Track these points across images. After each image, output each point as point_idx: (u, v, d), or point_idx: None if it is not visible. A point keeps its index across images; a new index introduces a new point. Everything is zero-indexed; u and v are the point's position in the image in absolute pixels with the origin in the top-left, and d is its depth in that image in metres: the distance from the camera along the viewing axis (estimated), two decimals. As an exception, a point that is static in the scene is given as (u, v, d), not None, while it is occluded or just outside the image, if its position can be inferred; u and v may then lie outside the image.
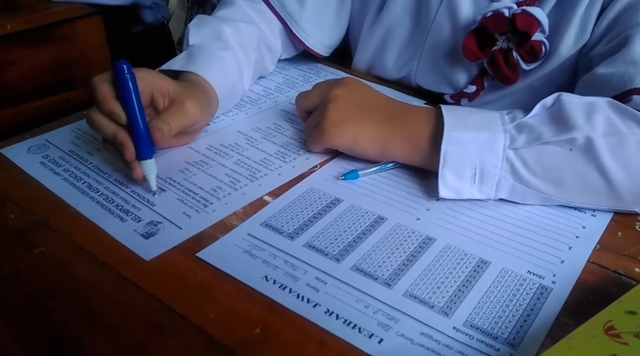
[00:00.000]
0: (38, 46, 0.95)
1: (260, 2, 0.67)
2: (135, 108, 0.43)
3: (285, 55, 0.70)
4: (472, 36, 0.54)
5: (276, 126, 0.57)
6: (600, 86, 0.46)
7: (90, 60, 1.04)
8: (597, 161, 0.40)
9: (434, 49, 0.61)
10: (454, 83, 0.60)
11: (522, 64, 0.53)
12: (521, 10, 0.51)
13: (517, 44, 0.53)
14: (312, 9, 0.66)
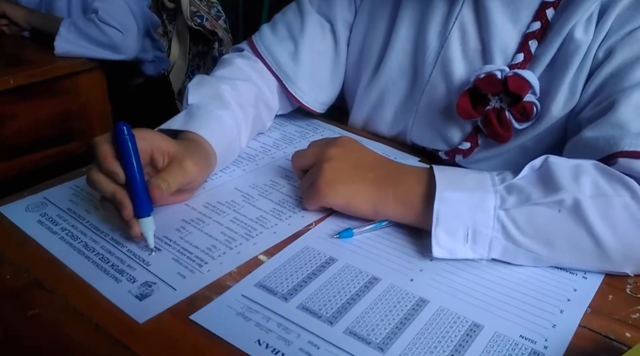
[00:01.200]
0: (40, 100, 0.98)
1: (257, 61, 0.70)
2: (134, 167, 0.44)
3: (282, 111, 0.72)
4: (466, 96, 0.56)
5: (273, 183, 0.57)
6: (588, 149, 0.47)
7: (90, 113, 1.06)
8: (585, 222, 0.41)
9: (429, 108, 0.63)
10: (449, 140, 0.62)
11: (514, 123, 0.55)
12: (513, 73, 0.53)
13: (509, 104, 0.55)
14: (306, 68, 0.68)
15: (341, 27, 0.69)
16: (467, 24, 0.59)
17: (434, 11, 0.61)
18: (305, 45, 0.68)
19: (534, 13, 0.55)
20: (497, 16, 0.57)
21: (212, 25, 1.57)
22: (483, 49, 0.58)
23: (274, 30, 0.70)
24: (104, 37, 1.04)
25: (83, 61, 1.02)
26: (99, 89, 1.06)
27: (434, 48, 0.61)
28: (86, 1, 1.12)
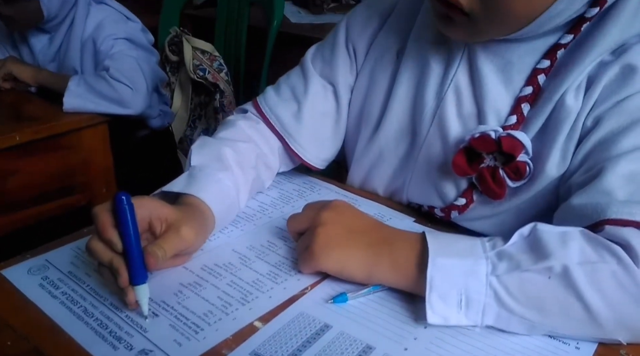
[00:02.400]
0: (43, 155, 1.00)
1: (259, 121, 0.73)
2: (131, 236, 0.46)
3: (284, 169, 0.74)
4: (462, 154, 0.58)
5: (270, 244, 0.59)
6: (576, 216, 0.49)
7: (92, 166, 1.08)
8: (575, 289, 0.42)
9: (426, 164, 0.65)
10: (445, 196, 0.63)
11: (508, 182, 0.56)
12: (506, 133, 0.55)
13: (503, 163, 0.56)
14: (308, 126, 0.71)
15: (343, 89, 0.72)
16: (462, 86, 0.62)
17: (431, 73, 0.64)
18: (308, 105, 0.71)
19: (526, 78, 0.58)
20: (490, 80, 0.59)
21: (214, 77, 1.62)
22: (477, 110, 0.61)
23: (278, 91, 0.74)
24: (114, 93, 1.07)
25: (87, 117, 1.04)
26: (102, 143, 1.09)
27: (430, 108, 0.64)
28: (98, 56, 1.15)
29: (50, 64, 1.20)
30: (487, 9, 0.51)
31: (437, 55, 0.63)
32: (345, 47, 0.72)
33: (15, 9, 1.08)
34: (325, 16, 2.04)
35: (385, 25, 0.70)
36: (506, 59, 0.58)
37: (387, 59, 0.69)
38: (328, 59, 0.72)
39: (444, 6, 0.54)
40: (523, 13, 0.51)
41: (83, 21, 1.15)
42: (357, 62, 0.72)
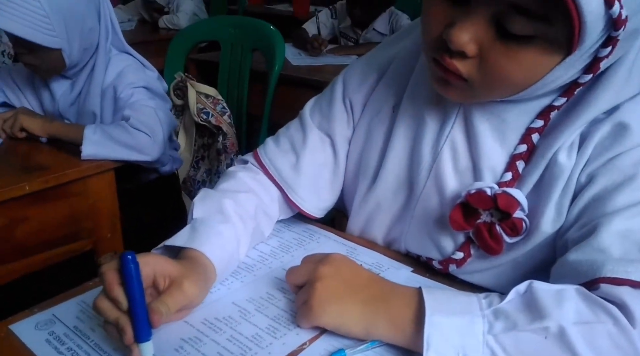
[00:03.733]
0: (51, 202, 1.02)
1: (259, 172, 0.75)
2: (135, 295, 0.48)
3: (283, 216, 0.77)
4: (459, 209, 0.60)
5: (269, 296, 0.60)
6: (572, 272, 0.50)
7: (98, 212, 1.11)
8: (571, 349, 0.43)
9: (423, 217, 0.66)
10: (442, 249, 0.65)
11: (505, 237, 0.57)
12: (502, 191, 0.57)
13: (499, 219, 0.58)
14: (307, 177, 0.74)
15: (340, 141, 0.75)
16: (457, 142, 0.63)
17: (427, 129, 0.66)
18: (307, 157, 0.74)
19: (521, 137, 0.59)
20: (485, 137, 0.61)
21: (217, 120, 1.66)
22: (473, 166, 0.62)
23: (278, 143, 0.77)
24: (133, 140, 1.12)
25: (95, 165, 1.07)
26: (108, 189, 1.11)
27: (427, 162, 0.65)
28: (117, 103, 1.20)
29: (70, 107, 1.25)
30: (485, 76, 0.53)
31: (433, 112, 0.65)
32: (342, 102, 0.75)
33: (38, 58, 1.13)
34: (324, 58, 2.10)
35: (382, 80, 0.72)
36: (501, 118, 0.60)
37: (384, 113, 0.71)
38: (326, 112, 0.75)
39: (442, 70, 0.55)
40: (521, 81, 0.53)
41: (104, 69, 1.20)
42: (353, 115, 0.74)
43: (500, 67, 0.51)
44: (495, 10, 0.49)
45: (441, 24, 0.52)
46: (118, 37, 1.24)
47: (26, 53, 1.13)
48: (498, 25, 0.49)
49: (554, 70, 0.50)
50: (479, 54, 0.51)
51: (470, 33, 0.50)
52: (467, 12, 0.50)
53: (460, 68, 0.53)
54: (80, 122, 1.25)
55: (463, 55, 0.52)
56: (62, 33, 1.10)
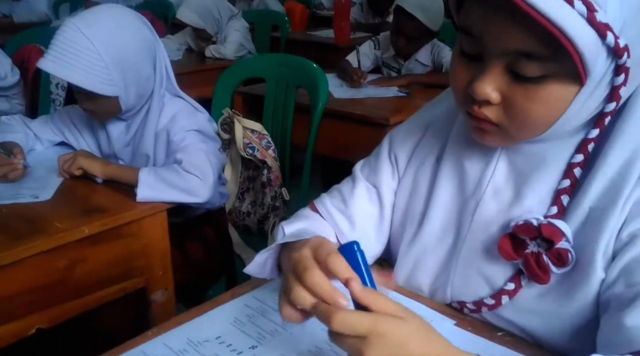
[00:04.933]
0: (107, 243, 1.08)
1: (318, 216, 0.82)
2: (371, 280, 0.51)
3: None
4: (507, 239, 0.63)
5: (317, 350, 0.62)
6: (628, 339, 0.51)
7: (151, 251, 1.16)
8: None
9: (469, 257, 0.69)
10: (493, 282, 0.67)
11: (552, 267, 0.60)
12: (547, 221, 0.60)
13: (546, 249, 0.60)
14: (356, 226, 0.79)
15: (386, 192, 0.80)
16: (500, 183, 0.67)
17: (469, 173, 0.70)
18: (355, 206, 0.79)
19: (563, 172, 0.62)
20: (528, 176, 0.64)
21: (263, 155, 1.70)
22: (518, 205, 0.65)
23: (331, 195, 0.83)
24: (184, 183, 1.17)
25: (149, 207, 1.13)
26: (161, 229, 1.16)
27: (471, 206, 0.69)
28: (170, 146, 1.26)
29: (125, 148, 1.32)
30: (512, 118, 0.58)
31: (475, 157, 0.70)
32: (388, 157, 0.80)
33: (96, 104, 1.20)
34: (366, 90, 2.13)
35: (425, 136, 0.78)
36: (541, 156, 0.64)
37: (428, 164, 0.76)
38: (373, 166, 0.81)
39: (475, 120, 0.61)
40: (545, 117, 0.57)
41: (158, 113, 1.27)
42: (398, 168, 0.79)
43: (524, 108, 0.56)
44: (507, 60, 0.55)
45: (465, 81, 0.59)
46: (171, 82, 1.30)
47: (85, 99, 1.21)
48: (513, 71, 0.55)
49: (574, 102, 0.54)
50: (502, 99, 0.57)
51: (490, 83, 0.56)
52: (483, 66, 0.57)
53: (489, 115, 0.59)
54: (134, 163, 1.32)
55: (489, 103, 0.58)
56: (119, 82, 1.17)
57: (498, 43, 0.54)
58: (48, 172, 1.25)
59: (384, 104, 1.97)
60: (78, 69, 1.11)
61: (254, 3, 4.24)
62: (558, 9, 0.48)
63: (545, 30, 0.48)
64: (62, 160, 1.21)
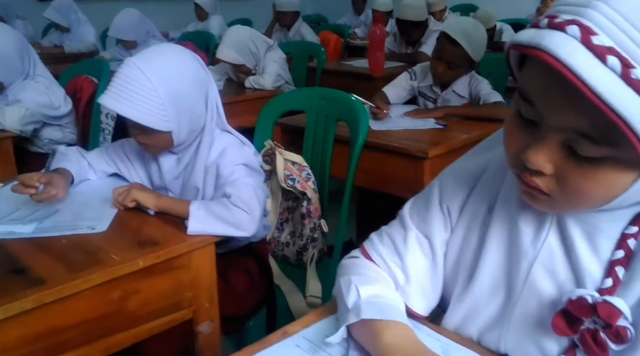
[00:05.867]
0: (159, 275, 1.11)
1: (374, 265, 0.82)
2: None
3: None
4: (561, 316, 0.61)
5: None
6: None
7: (199, 282, 1.19)
8: None
9: (523, 321, 0.68)
10: (546, 354, 0.65)
11: (611, 345, 0.58)
12: (603, 299, 0.57)
13: (603, 327, 0.58)
14: (412, 278, 0.78)
15: (438, 243, 0.79)
16: (553, 248, 0.65)
17: (522, 234, 0.68)
18: (410, 258, 0.79)
19: (616, 243, 0.60)
20: (580, 243, 0.62)
21: (303, 186, 1.74)
22: (571, 272, 0.63)
23: (382, 241, 0.82)
24: (233, 218, 1.20)
25: (199, 240, 1.16)
26: (209, 262, 1.20)
27: (524, 269, 0.67)
28: (219, 180, 1.30)
29: (175, 181, 1.37)
30: (565, 192, 0.56)
31: (527, 217, 0.68)
32: (439, 206, 0.79)
33: (150, 138, 1.26)
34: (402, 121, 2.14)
35: (476, 186, 0.76)
36: (593, 225, 0.62)
37: (479, 216, 0.75)
38: (423, 215, 0.80)
39: (526, 185, 0.59)
40: (600, 197, 0.55)
41: (208, 147, 1.32)
42: (451, 220, 0.78)
43: (578, 185, 0.54)
44: (564, 136, 0.53)
45: (518, 146, 0.58)
46: (221, 118, 1.35)
47: (140, 133, 1.26)
48: (570, 147, 0.53)
49: (635, 184, 0.53)
50: (556, 172, 0.55)
51: (545, 155, 0.55)
52: (539, 136, 0.55)
53: (540, 185, 0.57)
54: (184, 195, 1.36)
55: (541, 173, 0.56)
56: (173, 118, 1.22)
57: (556, 118, 0.53)
58: (102, 203, 1.30)
59: (421, 136, 1.98)
60: (136, 106, 1.17)
61: (290, 33, 4.34)
62: (622, 97, 0.47)
63: (605, 115, 0.47)
64: (117, 193, 1.26)
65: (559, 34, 0.49)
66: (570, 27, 0.49)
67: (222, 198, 1.25)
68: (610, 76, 0.47)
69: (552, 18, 0.51)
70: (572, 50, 0.48)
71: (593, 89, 0.47)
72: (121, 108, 1.17)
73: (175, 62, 1.23)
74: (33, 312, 0.94)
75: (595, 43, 0.48)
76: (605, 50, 0.47)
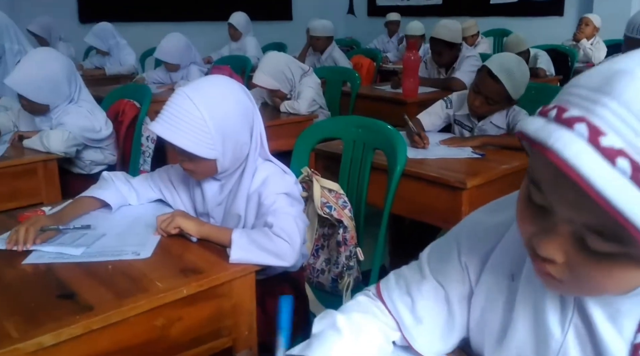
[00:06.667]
0: (200, 303, 1.13)
1: (378, 301, 0.82)
2: None
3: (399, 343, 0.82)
4: None
5: None
6: None
7: (239, 311, 1.20)
8: None
9: None
10: None
11: None
12: None
13: None
14: (422, 322, 0.78)
15: (455, 297, 0.77)
16: (579, 329, 0.64)
17: (548, 310, 0.66)
18: (422, 302, 0.78)
19: (638, 325, 0.59)
20: (602, 324, 0.61)
21: (339, 214, 1.74)
22: (597, 354, 0.62)
23: (398, 282, 0.82)
24: (274, 247, 1.22)
25: (240, 268, 1.17)
26: (249, 290, 1.21)
27: (552, 349, 0.66)
28: (261, 209, 1.32)
29: (217, 207, 1.39)
30: (578, 282, 0.55)
31: (552, 294, 0.66)
32: (458, 261, 0.77)
33: (196, 165, 1.30)
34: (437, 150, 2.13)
35: (497, 247, 0.74)
36: (614, 308, 0.60)
37: (502, 279, 0.73)
38: (441, 265, 0.78)
39: (538, 268, 0.58)
40: (614, 290, 0.54)
41: (251, 175, 1.34)
42: (469, 276, 0.76)
43: (591, 277, 0.53)
44: (575, 228, 0.52)
45: (530, 231, 0.57)
46: (264, 148, 1.38)
47: (187, 160, 1.30)
48: (581, 239, 0.52)
49: None
50: (567, 261, 0.54)
51: (556, 245, 0.53)
52: (551, 223, 0.53)
53: (552, 272, 0.56)
54: (226, 221, 1.38)
55: (553, 261, 0.54)
56: (219, 147, 1.25)
57: (565, 210, 0.52)
58: (146, 228, 1.33)
59: (458, 165, 1.96)
60: (184, 134, 1.21)
61: (323, 56, 4.40)
62: (631, 200, 0.44)
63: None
64: (160, 219, 1.29)
65: (565, 133, 0.47)
66: (579, 126, 0.47)
67: (263, 227, 1.26)
68: (620, 179, 0.45)
69: (561, 111, 0.49)
70: (579, 152, 0.46)
71: (600, 192, 0.45)
72: (171, 136, 1.21)
73: (223, 94, 1.27)
74: (81, 338, 0.96)
75: (604, 145, 0.46)
76: (614, 152, 0.46)
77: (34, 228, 1.23)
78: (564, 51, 4.48)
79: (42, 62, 2.11)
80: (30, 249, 1.21)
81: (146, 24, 5.75)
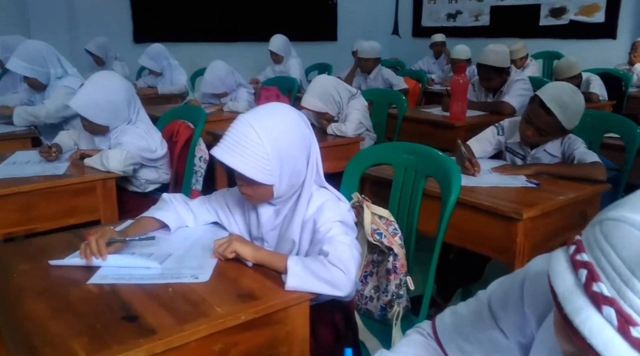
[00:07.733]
0: (257, 329, 1.14)
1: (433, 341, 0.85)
2: None
3: None
4: None
5: None
6: None
7: (293, 338, 1.20)
8: None
9: None
10: None
11: None
12: None
13: None
14: None
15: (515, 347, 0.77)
16: None
17: None
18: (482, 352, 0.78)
19: None
20: None
21: (390, 241, 1.72)
22: None
23: (455, 323, 0.82)
24: (329, 276, 1.22)
25: (296, 296, 1.18)
26: (303, 318, 1.21)
27: None
28: (316, 235, 1.33)
29: (272, 232, 1.42)
30: None
31: None
32: (521, 310, 0.76)
33: (253, 190, 1.33)
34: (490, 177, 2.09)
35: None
36: None
37: None
38: (504, 313, 0.77)
39: None
40: None
41: (306, 202, 1.36)
42: (532, 328, 0.75)
43: None
44: None
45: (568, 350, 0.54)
46: (320, 175, 1.39)
47: (244, 185, 1.33)
48: None
49: None
50: None
51: None
52: None
53: None
54: (280, 246, 1.40)
55: None
56: (276, 173, 1.28)
57: None
58: (203, 251, 1.36)
59: (512, 194, 1.92)
60: (244, 160, 1.25)
61: (370, 77, 4.42)
62: None
63: None
64: (218, 244, 1.31)
65: (594, 315, 0.47)
66: (607, 310, 0.47)
67: (319, 256, 1.27)
68: None
69: (591, 277, 0.48)
70: (608, 341, 0.46)
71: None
72: (231, 161, 1.24)
73: (283, 121, 1.30)
74: (143, 361, 0.99)
75: (635, 336, 0.45)
76: None
77: (103, 239, 1.28)
78: (617, 75, 4.35)
79: (104, 86, 2.21)
80: (103, 264, 1.26)
81: (196, 45, 5.93)
